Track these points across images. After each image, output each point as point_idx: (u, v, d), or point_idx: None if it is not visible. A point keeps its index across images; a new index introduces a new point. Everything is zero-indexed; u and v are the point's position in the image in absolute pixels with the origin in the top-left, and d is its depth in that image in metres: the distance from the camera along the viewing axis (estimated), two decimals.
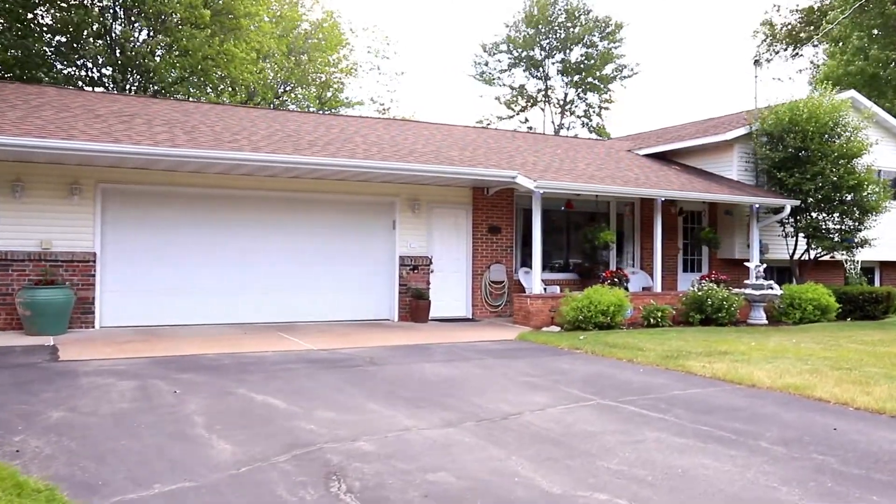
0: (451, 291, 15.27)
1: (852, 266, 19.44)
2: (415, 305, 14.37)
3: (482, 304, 15.47)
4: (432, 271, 14.98)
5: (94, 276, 12.20)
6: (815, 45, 34.30)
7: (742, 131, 17.47)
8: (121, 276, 12.60)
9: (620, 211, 17.48)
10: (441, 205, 15.23)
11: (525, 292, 14.96)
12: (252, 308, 13.57)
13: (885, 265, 21.18)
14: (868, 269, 20.76)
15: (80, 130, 11.45)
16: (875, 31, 29.18)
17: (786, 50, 36.76)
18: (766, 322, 14.93)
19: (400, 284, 14.61)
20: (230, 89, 32.14)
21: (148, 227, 12.87)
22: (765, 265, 15.70)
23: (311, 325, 13.43)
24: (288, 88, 37.15)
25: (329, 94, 38.55)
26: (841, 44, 29.53)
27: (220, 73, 28.69)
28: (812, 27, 36.28)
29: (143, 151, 10.89)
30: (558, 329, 13.13)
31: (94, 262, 12.20)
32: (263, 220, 13.80)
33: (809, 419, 6.60)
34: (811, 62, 37.26)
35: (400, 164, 12.92)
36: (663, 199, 15.44)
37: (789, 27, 37.65)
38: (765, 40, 38.40)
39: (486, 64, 44.81)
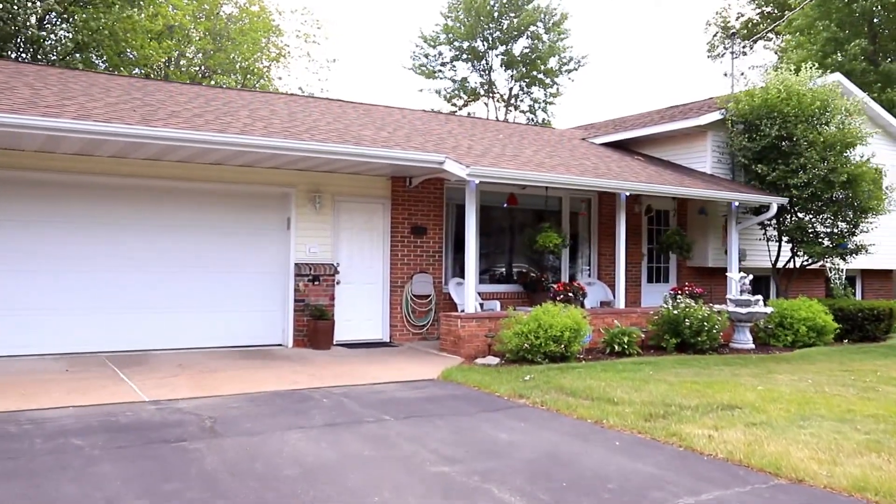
0: (362, 308, 12.05)
1: (836, 275, 16.88)
2: (313, 327, 11.11)
3: (402, 323, 12.28)
4: (338, 283, 11.74)
5: None
6: (777, 33, 32.18)
7: (717, 116, 14.62)
8: None
9: (575, 209, 14.49)
10: (351, 199, 12.01)
11: (457, 309, 11.84)
12: (98, 333, 10.18)
13: (866, 273, 18.71)
14: (849, 279, 18.26)
15: None
16: (835, 27, 27.06)
17: (743, 41, 34.64)
18: (753, 346, 12.13)
19: (296, 300, 11.33)
20: (140, 71, 28.26)
21: None
22: (751, 276, 12.88)
23: (173, 356, 10.08)
24: (207, 75, 33.37)
25: (256, 85, 34.91)
26: (808, 34, 27.28)
27: (116, 47, 24.82)
28: (769, 21, 34.26)
29: None
30: (497, 361, 10.03)
31: None
32: (115, 215, 10.41)
33: None
34: (772, 54, 35.24)
35: (286, 141, 9.63)
36: (628, 193, 12.47)
37: (745, 20, 35.63)
38: (716, 34, 36.38)
39: (427, 56, 41.64)
